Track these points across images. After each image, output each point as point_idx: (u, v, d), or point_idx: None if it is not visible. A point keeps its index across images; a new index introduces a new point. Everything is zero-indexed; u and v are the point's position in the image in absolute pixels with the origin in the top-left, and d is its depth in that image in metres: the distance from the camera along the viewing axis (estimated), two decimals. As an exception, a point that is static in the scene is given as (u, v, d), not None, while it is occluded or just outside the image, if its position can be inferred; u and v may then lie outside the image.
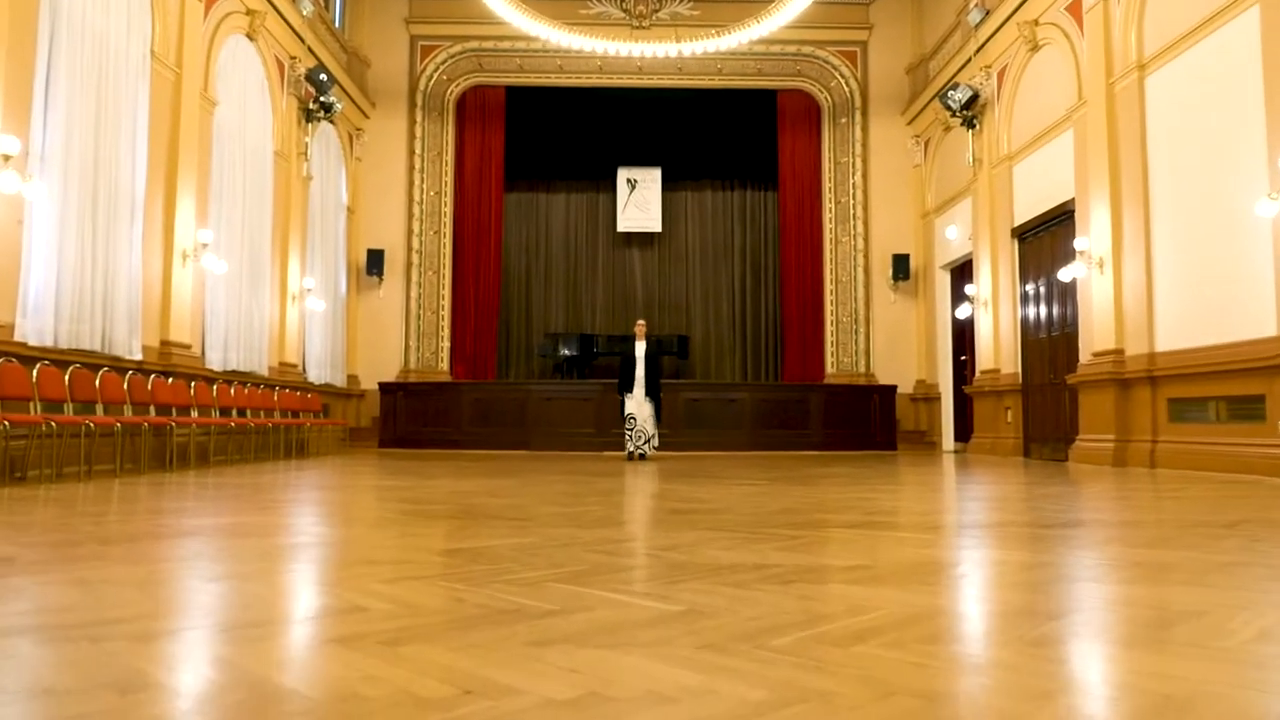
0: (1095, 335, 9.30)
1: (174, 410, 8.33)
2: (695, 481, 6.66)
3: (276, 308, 11.72)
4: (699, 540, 3.21)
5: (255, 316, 10.89)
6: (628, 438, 10.00)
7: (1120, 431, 8.82)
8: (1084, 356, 9.67)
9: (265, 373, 11.15)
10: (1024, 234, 11.39)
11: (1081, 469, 8.53)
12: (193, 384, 8.88)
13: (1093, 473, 7.84)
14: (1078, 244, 9.41)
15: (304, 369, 12.75)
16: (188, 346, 9.18)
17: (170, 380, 8.50)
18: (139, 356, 8.28)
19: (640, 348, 10.09)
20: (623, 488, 6.10)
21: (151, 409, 7.99)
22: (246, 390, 10.16)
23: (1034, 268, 11.19)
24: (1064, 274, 9.71)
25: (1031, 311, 11.24)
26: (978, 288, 12.37)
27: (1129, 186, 8.91)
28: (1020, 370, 11.45)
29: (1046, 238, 10.86)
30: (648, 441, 9.88)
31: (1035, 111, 11.04)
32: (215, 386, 9.40)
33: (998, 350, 11.95)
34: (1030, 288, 11.28)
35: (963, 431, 14.03)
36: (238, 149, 10.51)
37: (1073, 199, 9.98)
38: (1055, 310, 10.62)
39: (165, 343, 8.87)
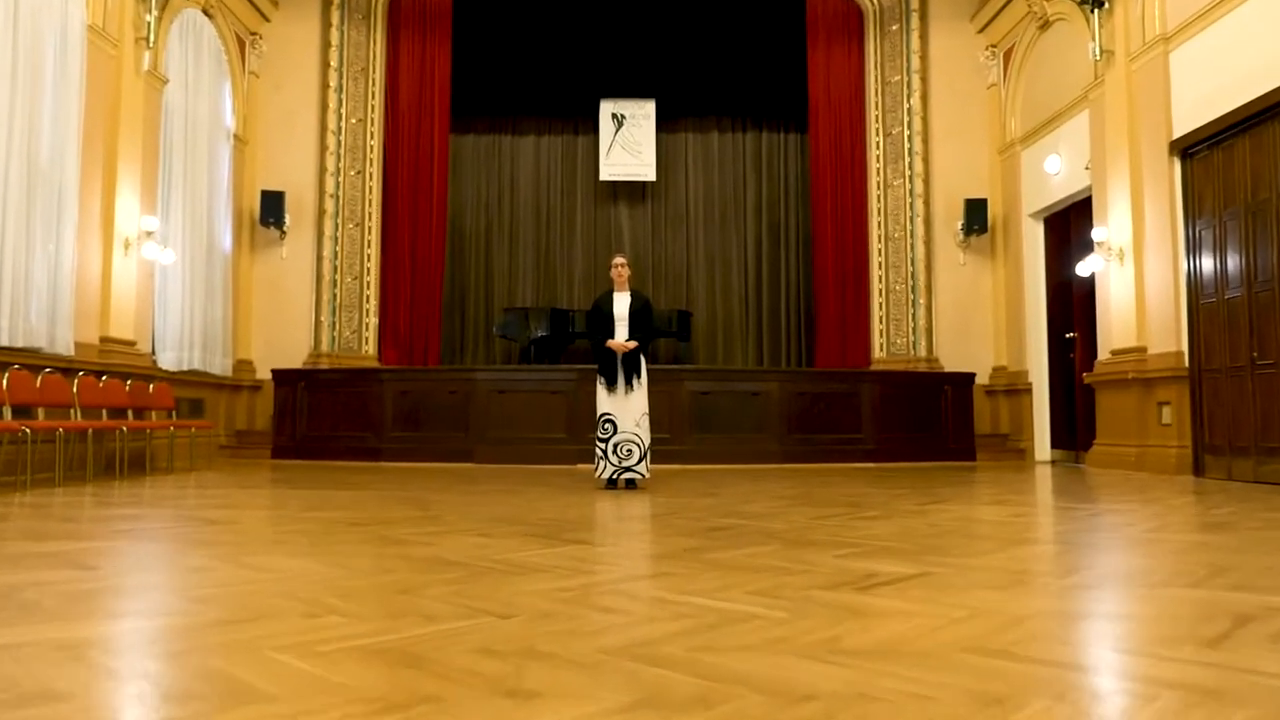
0: (1373, 283, 5.70)
1: None
2: (747, 565, 2.99)
3: (95, 257, 8.00)
4: None
5: (43, 265, 7.17)
6: (600, 452, 6.13)
7: None
8: (1333, 321, 6.08)
9: (68, 351, 7.43)
10: (1192, 147, 7.76)
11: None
12: None
13: None
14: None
15: (153, 349, 9.04)
16: None
17: None
18: None
19: (621, 301, 6.27)
20: (579, 587, 2.42)
21: None
22: (6, 377, 6.45)
23: (1214, 195, 7.56)
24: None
25: (1208, 262, 7.62)
26: (1108, 233, 8.74)
27: None
28: (1186, 348, 7.84)
29: (1240, 145, 7.23)
30: (642, 459, 6.05)
31: (1214, -37, 7.44)
32: (-77, 368, 5.70)
33: (1142, 320, 8.34)
34: (1206, 226, 7.66)
35: (1062, 436, 10.43)
36: None
37: (1306, 75, 6.39)
38: (1260, 255, 7.00)
39: None
